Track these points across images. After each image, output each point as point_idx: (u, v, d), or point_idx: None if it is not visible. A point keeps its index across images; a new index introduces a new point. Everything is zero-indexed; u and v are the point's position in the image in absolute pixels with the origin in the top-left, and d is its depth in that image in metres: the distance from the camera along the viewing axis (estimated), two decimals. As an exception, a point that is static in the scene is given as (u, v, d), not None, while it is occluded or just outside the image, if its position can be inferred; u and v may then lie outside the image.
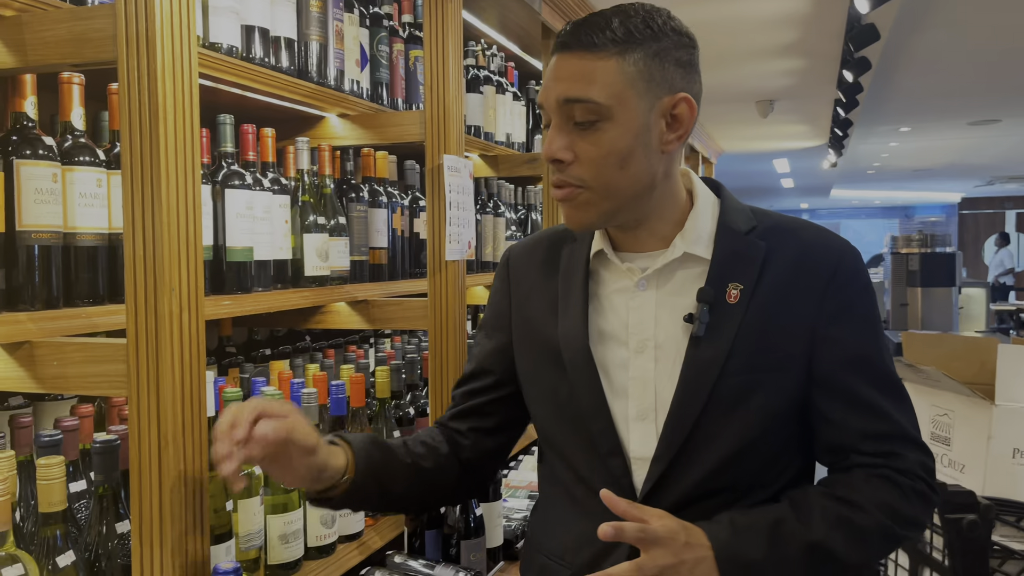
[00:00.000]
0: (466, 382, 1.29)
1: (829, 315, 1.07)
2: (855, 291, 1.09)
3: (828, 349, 1.07)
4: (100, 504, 1.21)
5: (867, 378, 1.08)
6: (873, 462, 1.07)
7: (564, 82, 1.04)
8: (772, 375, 1.06)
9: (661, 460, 1.07)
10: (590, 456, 1.12)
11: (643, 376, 1.10)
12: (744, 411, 1.06)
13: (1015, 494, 1.59)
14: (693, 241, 1.11)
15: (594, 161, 1.04)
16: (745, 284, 1.07)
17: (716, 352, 1.05)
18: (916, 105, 6.44)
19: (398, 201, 2.08)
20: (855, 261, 1.11)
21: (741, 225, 1.12)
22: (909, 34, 4.06)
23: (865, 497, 1.05)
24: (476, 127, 2.54)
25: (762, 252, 1.09)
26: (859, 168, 11.44)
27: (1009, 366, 1.65)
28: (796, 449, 1.12)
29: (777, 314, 1.07)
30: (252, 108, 1.73)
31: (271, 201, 1.56)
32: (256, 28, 1.49)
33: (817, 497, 1.06)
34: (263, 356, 2.02)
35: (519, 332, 1.22)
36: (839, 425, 1.08)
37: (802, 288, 1.08)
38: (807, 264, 1.09)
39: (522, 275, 1.25)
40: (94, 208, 1.23)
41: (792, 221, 1.15)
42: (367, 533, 1.69)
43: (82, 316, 1.20)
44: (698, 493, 1.06)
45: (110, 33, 1.10)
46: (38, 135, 1.18)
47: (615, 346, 1.12)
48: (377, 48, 1.92)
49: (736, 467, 1.06)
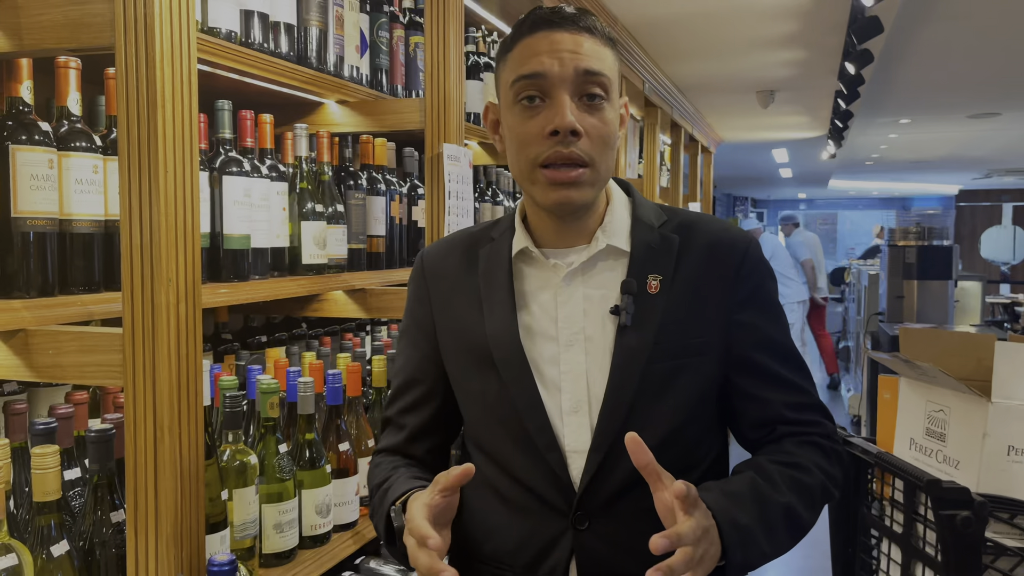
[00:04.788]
0: (399, 398, 1.25)
1: (740, 301, 1.13)
2: (760, 279, 1.16)
3: (742, 332, 1.13)
4: (95, 493, 1.20)
5: (778, 357, 1.16)
6: (799, 431, 1.15)
7: (584, 55, 1.05)
8: (694, 360, 1.11)
9: (599, 450, 1.08)
10: (525, 454, 1.11)
11: (575, 369, 1.11)
12: (672, 395, 1.10)
13: (1009, 491, 1.59)
14: (613, 234, 1.14)
15: (601, 137, 1.07)
16: (664, 275, 1.12)
17: (642, 340, 1.09)
18: (917, 97, 6.42)
19: (396, 189, 2.06)
20: (758, 251, 1.18)
21: (653, 220, 1.17)
22: (912, 27, 4.04)
23: (807, 460, 1.12)
24: (476, 114, 2.53)
25: (676, 244, 1.14)
26: (858, 159, 11.42)
27: (1006, 363, 1.65)
28: (717, 429, 1.18)
29: (694, 302, 1.12)
30: (250, 93, 1.71)
31: (269, 188, 1.55)
32: (255, 13, 1.47)
33: (770, 464, 1.11)
34: (259, 343, 2.02)
35: (444, 337, 1.20)
36: (763, 400, 1.15)
37: (714, 277, 1.13)
38: (717, 255, 1.14)
39: (440, 279, 1.22)
40: (90, 194, 1.22)
41: (697, 216, 1.21)
42: (362, 523, 1.69)
43: (77, 304, 1.19)
44: (634, 480, 1.04)
45: (108, 18, 1.09)
46: (34, 120, 1.16)
47: (544, 342, 1.13)
48: (377, 34, 1.90)
49: (668, 451, 1.07)
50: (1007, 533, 1.53)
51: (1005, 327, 6.58)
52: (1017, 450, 1.63)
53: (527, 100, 1.07)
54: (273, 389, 1.46)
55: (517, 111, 1.08)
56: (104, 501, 1.20)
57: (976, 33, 4.22)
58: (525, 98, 1.07)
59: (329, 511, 1.57)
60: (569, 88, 1.05)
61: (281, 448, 1.49)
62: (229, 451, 1.39)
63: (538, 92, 1.06)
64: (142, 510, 1.12)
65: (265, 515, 1.45)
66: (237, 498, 1.38)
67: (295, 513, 1.49)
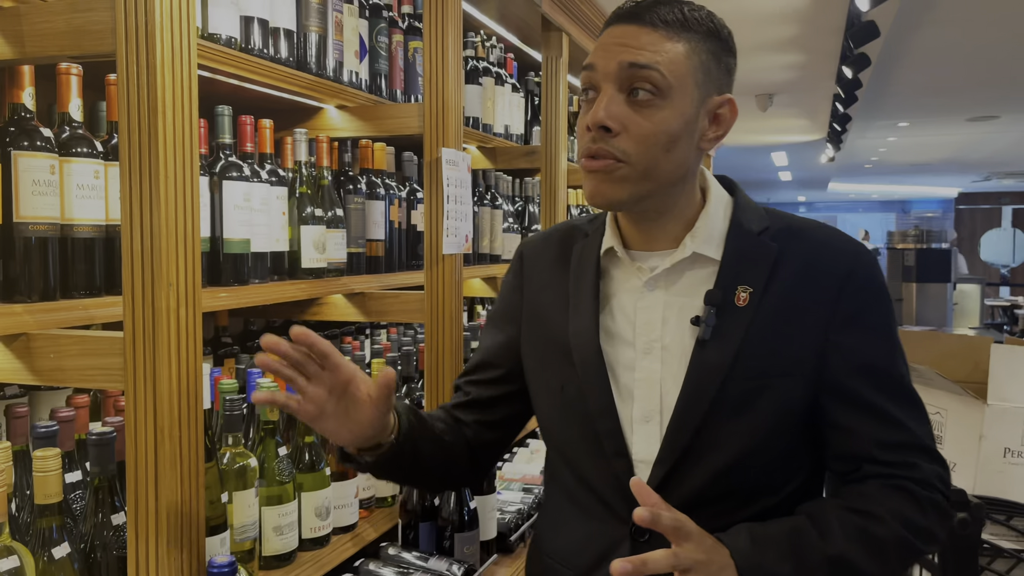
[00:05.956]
0: (472, 372, 1.28)
1: (841, 320, 1.04)
2: (868, 296, 1.06)
3: (839, 355, 1.04)
4: (96, 496, 1.21)
5: (879, 386, 1.05)
6: (888, 472, 1.04)
7: (632, 48, 1.01)
8: (779, 380, 1.04)
9: (664, 463, 1.05)
10: (593, 457, 1.11)
11: (649, 378, 1.08)
12: (750, 416, 1.03)
13: (1005, 493, 1.60)
14: (703, 241, 1.09)
15: (645, 137, 1.01)
16: (755, 287, 1.05)
17: (722, 356, 1.03)
18: (915, 101, 6.44)
19: (395, 193, 2.07)
20: (869, 266, 1.08)
21: (753, 226, 1.10)
22: (909, 31, 4.05)
23: (883, 508, 1.02)
24: (474, 119, 2.54)
25: (773, 254, 1.07)
26: (857, 162, 11.44)
27: (1001, 366, 1.66)
28: (805, 454, 1.09)
29: (787, 318, 1.04)
30: (250, 99, 1.73)
31: (269, 193, 1.56)
32: (255, 19, 1.48)
33: (834, 509, 1.03)
34: (259, 347, 2.02)
35: (528, 327, 1.22)
36: (851, 433, 1.05)
37: (813, 292, 1.05)
38: (819, 267, 1.06)
39: (535, 270, 1.23)
40: (91, 200, 1.23)
41: (806, 223, 1.12)
42: (361, 525, 1.69)
43: (79, 308, 1.20)
44: (701, 498, 1.04)
45: (109, 26, 1.10)
46: (36, 126, 1.17)
47: (622, 346, 1.11)
48: (376, 39, 1.91)
49: (740, 472, 1.04)
50: (1004, 535, 1.54)
51: (1004, 330, 6.58)
52: (1013, 452, 1.63)
53: (584, 93, 1.06)
54: (273, 392, 1.47)
55: (582, 103, 1.08)
56: (105, 503, 1.21)
57: (973, 37, 4.23)
58: (584, 91, 1.06)
59: (328, 513, 1.57)
60: (613, 82, 1.02)
61: (281, 451, 1.50)
62: (229, 454, 1.40)
63: (591, 85, 1.05)
64: (143, 512, 1.12)
65: (265, 517, 1.45)
66: (237, 500, 1.38)
67: (295, 516, 1.50)
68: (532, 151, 2.85)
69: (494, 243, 2.84)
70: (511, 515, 1.92)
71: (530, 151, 2.87)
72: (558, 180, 2.58)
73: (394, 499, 1.81)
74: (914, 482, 1.03)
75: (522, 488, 2.13)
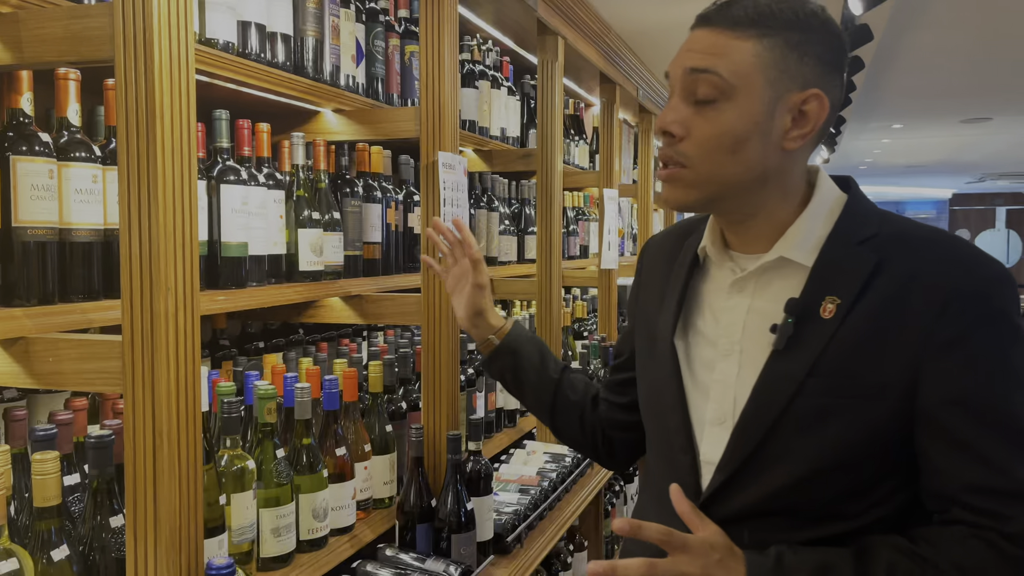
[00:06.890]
0: (614, 359, 1.39)
1: (940, 343, 0.94)
2: (978, 318, 0.94)
3: (933, 383, 0.94)
4: (94, 498, 1.21)
5: (976, 421, 0.93)
6: (978, 521, 0.93)
7: (695, 53, 1.01)
8: (856, 402, 0.96)
9: (725, 469, 1.03)
10: (662, 450, 1.14)
11: (725, 380, 1.06)
12: (821, 435, 0.97)
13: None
14: (794, 246, 1.03)
15: (706, 140, 0.99)
16: (843, 299, 0.98)
17: (796, 368, 0.98)
18: (908, 103, 6.46)
19: (392, 196, 2.08)
20: (988, 282, 0.95)
21: (857, 232, 1.01)
22: (902, 34, 4.07)
23: (948, 561, 0.92)
24: (471, 122, 2.55)
25: (869, 265, 0.98)
26: (851, 164, 11.47)
27: None
28: (894, 487, 0.99)
29: (878, 336, 0.96)
30: (247, 103, 1.73)
31: (266, 196, 1.57)
32: (252, 24, 1.49)
33: (889, 550, 0.94)
34: (256, 349, 2.03)
35: (638, 319, 1.26)
36: (941, 470, 0.96)
37: (911, 309, 0.95)
38: (925, 281, 0.96)
39: (652, 264, 1.27)
40: (90, 204, 1.24)
41: (924, 231, 1.02)
42: (358, 526, 1.70)
43: (77, 311, 1.20)
44: (759, 509, 1.01)
45: (107, 32, 1.10)
46: (34, 131, 1.18)
47: (705, 345, 1.10)
48: (373, 43, 1.92)
49: (804, 492, 0.99)
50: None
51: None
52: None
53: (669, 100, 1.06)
54: (270, 395, 1.48)
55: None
56: (103, 506, 1.22)
57: (965, 39, 4.25)
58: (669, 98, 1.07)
59: (326, 515, 1.58)
60: (680, 88, 1.02)
61: (278, 453, 1.50)
62: (227, 456, 1.40)
63: (670, 93, 1.05)
64: (141, 515, 1.13)
65: (263, 519, 1.46)
66: (235, 503, 1.39)
67: (292, 517, 1.51)
68: (528, 154, 2.86)
69: (490, 245, 2.85)
70: (508, 516, 1.93)
71: (526, 154, 2.87)
72: (554, 182, 2.59)
73: (391, 500, 1.82)
74: (1004, 537, 0.91)
75: (519, 489, 2.14)
